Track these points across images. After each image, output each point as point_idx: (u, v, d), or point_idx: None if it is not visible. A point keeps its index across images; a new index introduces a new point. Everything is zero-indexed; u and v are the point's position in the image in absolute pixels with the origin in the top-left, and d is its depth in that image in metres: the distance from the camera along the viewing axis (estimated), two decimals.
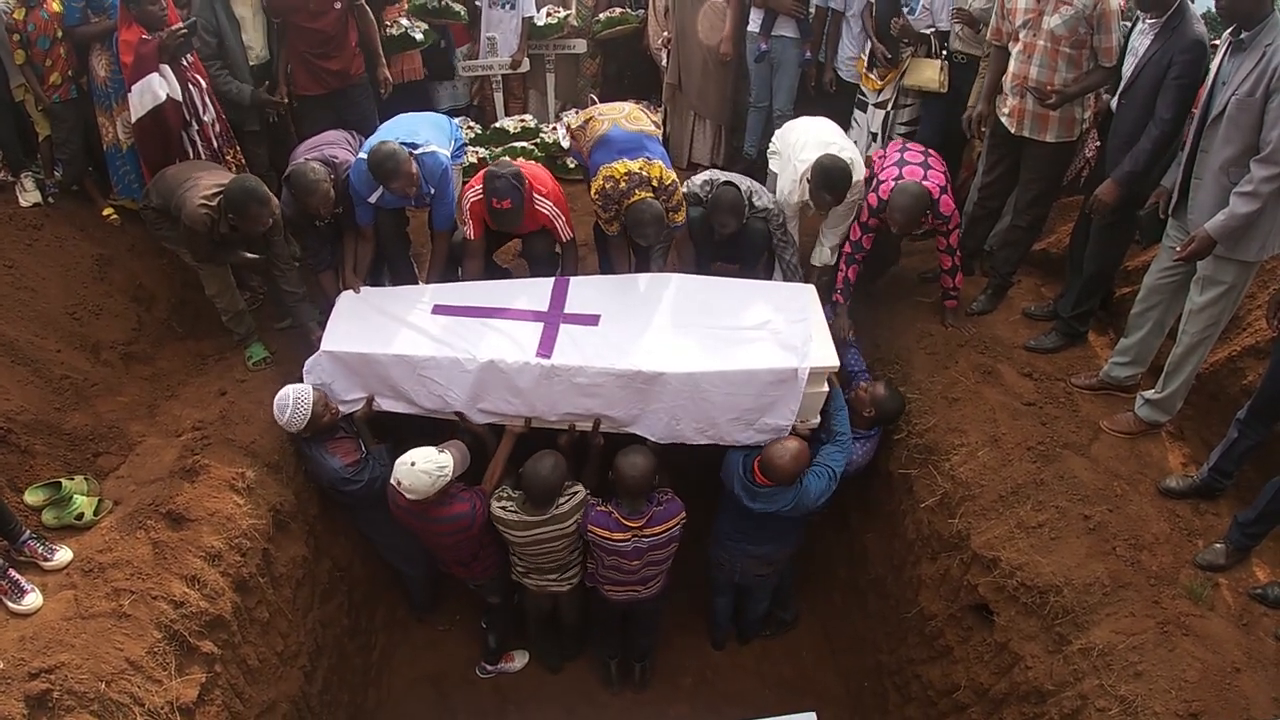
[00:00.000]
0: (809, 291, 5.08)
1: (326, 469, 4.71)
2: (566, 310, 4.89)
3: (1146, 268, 4.62)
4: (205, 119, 5.23)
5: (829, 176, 4.95)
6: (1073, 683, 3.92)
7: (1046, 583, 4.18)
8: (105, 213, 5.49)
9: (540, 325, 4.81)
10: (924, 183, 4.94)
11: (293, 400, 4.54)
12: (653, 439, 4.79)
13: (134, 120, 4.93)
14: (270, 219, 4.66)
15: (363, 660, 5.67)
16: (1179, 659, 3.68)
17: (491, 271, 5.57)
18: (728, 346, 4.71)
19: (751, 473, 4.64)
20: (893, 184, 4.97)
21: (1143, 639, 3.80)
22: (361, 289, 5.15)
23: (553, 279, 5.11)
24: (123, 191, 5.41)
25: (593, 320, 4.84)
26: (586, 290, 5.03)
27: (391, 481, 4.39)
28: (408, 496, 4.35)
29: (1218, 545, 4.08)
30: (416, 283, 5.64)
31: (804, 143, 5.25)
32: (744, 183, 5.30)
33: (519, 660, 6.01)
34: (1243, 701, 3.51)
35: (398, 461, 4.37)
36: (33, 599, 3.64)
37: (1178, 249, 4.07)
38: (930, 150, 5.26)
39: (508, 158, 4.96)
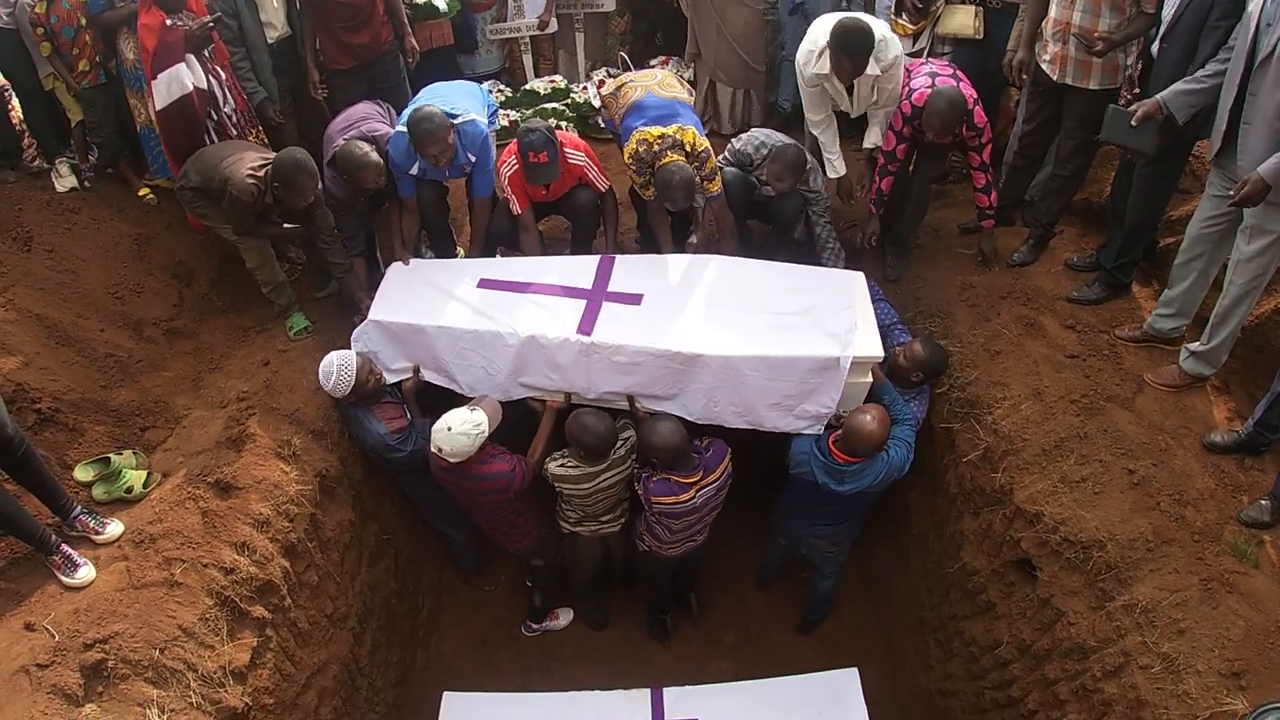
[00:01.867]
0: (856, 279, 5.00)
1: (371, 434, 4.77)
2: (610, 289, 4.89)
3: (1191, 217, 4.48)
4: (225, 110, 5.26)
5: (847, 37, 4.75)
6: (1115, 639, 3.90)
7: (1090, 538, 4.14)
8: (141, 193, 5.57)
9: (583, 302, 4.82)
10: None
11: (337, 366, 4.60)
12: (690, 418, 4.76)
13: (158, 109, 4.96)
14: (314, 194, 4.70)
15: (410, 622, 5.79)
16: (1223, 617, 3.63)
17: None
18: (770, 331, 4.66)
19: (830, 454, 4.54)
20: (928, 91, 4.87)
21: (1186, 596, 3.76)
22: (410, 261, 5.22)
23: (599, 256, 5.11)
24: (158, 171, 5.46)
25: (635, 300, 4.83)
26: (631, 269, 5.02)
27: (432, 449, 4.46)
28: (450, 460, 4.43)
29: (1263, 502, 4.00)
30: (456, 250, 5.72)
31: (826, 25, 5.07)
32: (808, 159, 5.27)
33: (564, 618, 6.11)
34: None
35: (434, 429, 4.43)
36: (86, 572, 3.73)
37: (1231, 193, 3.93)
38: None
39: (539, 119, 4.95)
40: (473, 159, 5.06)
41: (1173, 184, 4.83)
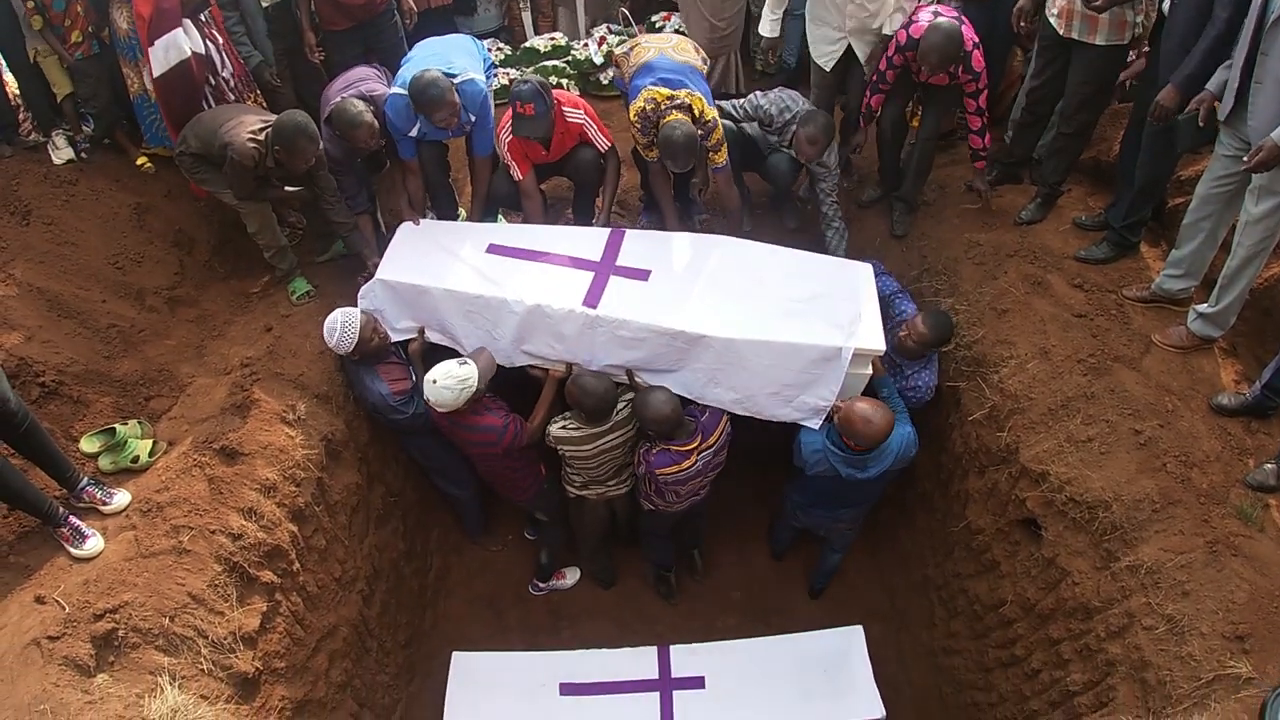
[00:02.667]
0: (864, 271, 4.96)
1: (373, 394, 4.79)
2: (619, 263, 4.86)
3: (1200, 177, 4.43)
4: (223, 75, 5.20)
5: None
6: (1120, 600, 3.92)
7: (1095, 498, 4.16)
8: (139, 162, 5.51)
9: (591, 275, 4.80)
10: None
11: (340, 323, 4.61)
12: (687, 395, 4.75)
13: (156, 76, 4.89)
14: (315, 157, 4.67)
15: (419, 583, 5.84)
16: (1227, 580, 3.64)
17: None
18: (775, 317, 4.63)
19: (846, 447, 4.49)
20: (926, 24, 4.82)
21: (1191, 558, 3.77)
22: (421, 222, 5.21)
23: (609, 229, 5.08)
24: (153, 140, 5.40)
25: (643, 275, 4.80)
26: (641, 244, 4.98)
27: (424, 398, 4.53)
28: (438, 410, 4.51)
29: (1269, 465, 3.99)
30: (457, 209, 5.69)
31: None
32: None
33: (570, 577, 6.17)
34: None
35: (425, 378, 4.48)
36: (94, 543, 3.75)
37: (1244, 159, 3.87)
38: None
39: (536, 76, 4.89)
40: (473, 118, 5.01)
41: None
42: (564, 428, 4.69)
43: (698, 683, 5.16)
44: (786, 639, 5.36)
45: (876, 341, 4.60)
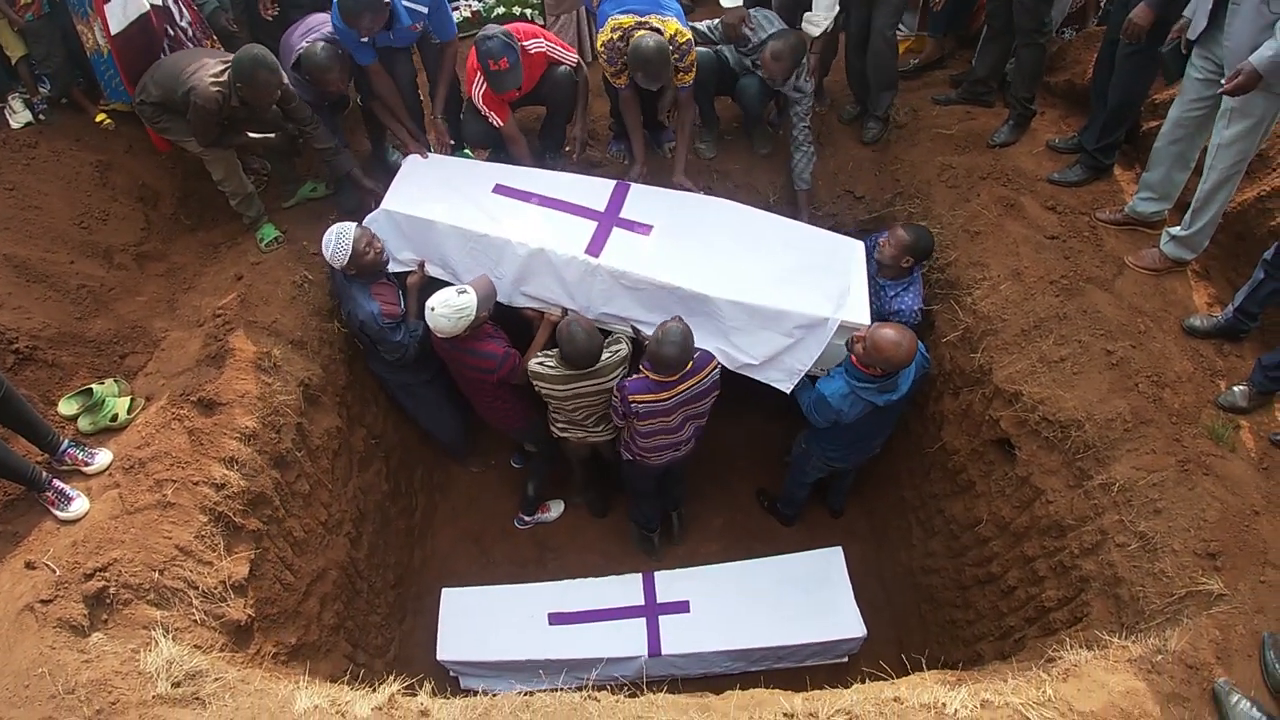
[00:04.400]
0: (855, 248, 4.97)
1: (363, 310, 4.76)
2: (622, 215, 4.91)
3: (1174, 100, 4.42)
4: (181, 24, 5.08)
5: None
6: (1093, 517, 4.02)
7: (1068, 417, 4.22)
8: (98, 119, 5.36)
9: (594, 224, 4.85)
10: None
11: (335, 235, 4.61)
12: None
13: (115, 32, 4.74)
14: (279, 88, 4.55)
15: (405, 523, 5.88)
16: (1199, 498, 3.73)
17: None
18: (770, 282, 4.67)
19: (871, 378, 4.44)
20: None
21: (1163, 476, 3.86)
22: (429, 155, 5.20)
23: (614, 181, 5.09)
24: (112, 95, 5.25)
25: (645, 229, 4.85)
26: (645, 199, 5.02)
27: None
28: (438, 336, 4.57)
29: (1240, 387, 4.06)
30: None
31: None
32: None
33: (555, 510, 6.25)
34: (1260, 544, 3.57)
35: (426, 304, 4.51)
36: (79, 505, 3.74)
37: (1221, 82, 3.84)
38: None
39: (492, 25, 4.77)
40: (424, 9, 4.90)
41: (1155, 65, 4.74)
42: (542, 363, 4.69)
43: (682, 607, 5.30)
44: (768, 561, 5.49)
45: (862, 315, 4.65)
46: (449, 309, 4.44)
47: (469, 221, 4.82)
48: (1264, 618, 3.36)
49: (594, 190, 5.02)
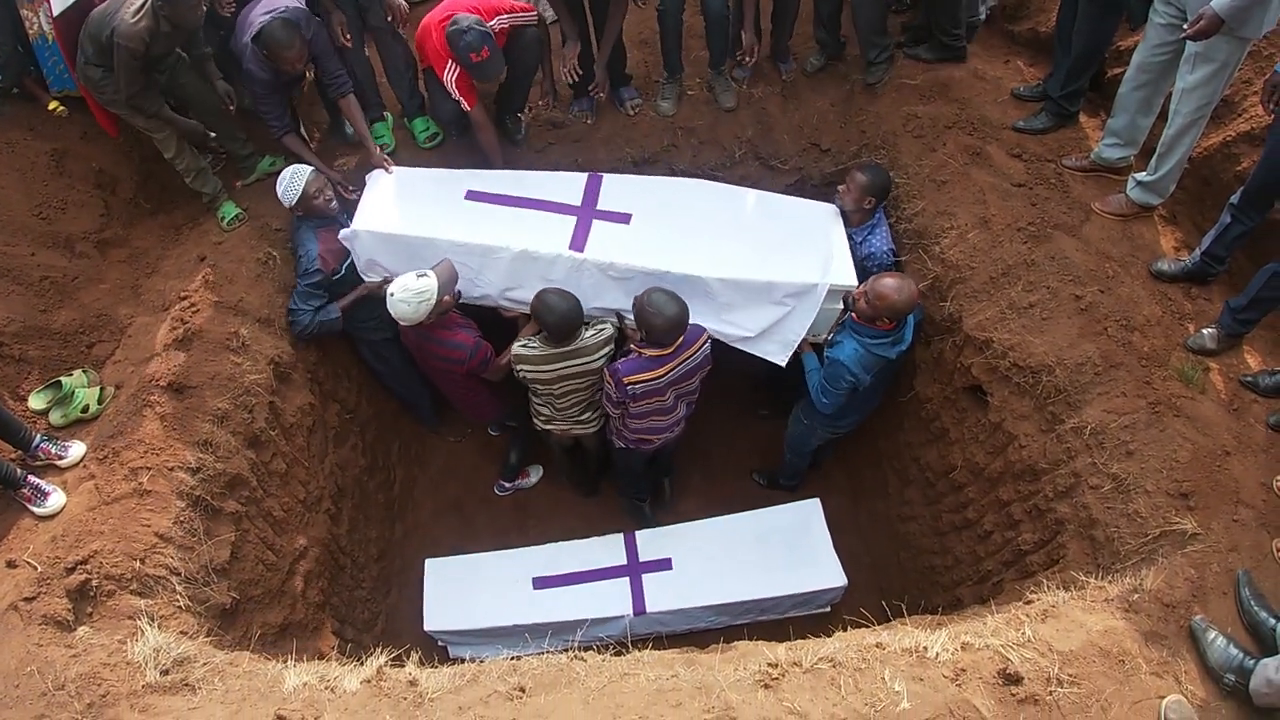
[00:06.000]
0: (832, 212, 5.00)
1: (304, 250, 4.77)
2: (599, 207, 4.90)
3: (1138, 46, 4.41)
4: None
5: None
6: (1066, 461, 4.08)
7: (1039, 363, 4.27)
8: (51, 107, 5.15)
9: (574, 219, 4.84)
10: None
11: (290, 175, 4.68)
12: None
13: (57, 14, 4.58)
14: (204, 6, 4.46)
15: (385, 496, 5.88)
16: (1170, 439, 3.79)
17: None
18: (756, 256, 4.71)
19: (878, 332, 4.45)
20: None
21: (1134, 419, 3.91)
22: (393, 169, 5.13)
23: (585, 174, 5.07)
24: (56, 83, 5.02)
25: (624, 219, 4.86)
26: (620, 188, 5.02)
27: None
28: (401, 323, 4.52)
29: (1208, 330, 4.11)
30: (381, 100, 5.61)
31: None
32: None
33: (534, 475, 6.27)
34: (1232, 484, 3.64)
35: (386, 291, 4.47)
36: (56, 499, 3.72)
37: (1184, 27, 3.86)
38: None
39: (461, 15, 4.67)
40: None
41: (1118, 10, 4.72)
42: (525, 345, 4.64)
43: (665, 564, 5.36)
44: (747, 516, 5.54)
45: (848, 277, 4.66)
46: (409, 293, 4.36)
47: (446, 232, 4.75)
48: (1238, 555, 3.45)
49: (567, 185, 5.00)
